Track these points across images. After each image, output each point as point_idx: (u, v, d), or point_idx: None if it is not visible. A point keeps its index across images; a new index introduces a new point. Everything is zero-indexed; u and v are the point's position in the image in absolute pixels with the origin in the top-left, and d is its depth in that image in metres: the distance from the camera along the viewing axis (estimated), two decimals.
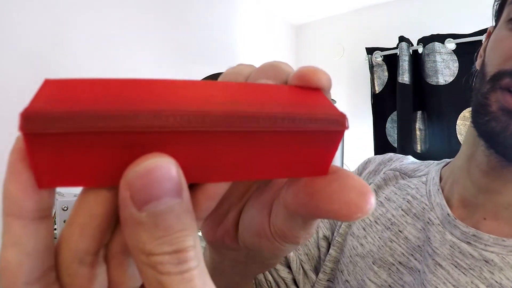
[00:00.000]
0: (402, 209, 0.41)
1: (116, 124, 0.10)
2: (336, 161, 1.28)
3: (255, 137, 0.11)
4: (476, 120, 0.34)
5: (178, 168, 0.10)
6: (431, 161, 0.46)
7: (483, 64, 0.35)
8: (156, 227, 0.10)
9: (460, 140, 1.52)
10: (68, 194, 0.72)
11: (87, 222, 0.11)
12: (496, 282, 0.31)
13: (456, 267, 0.33)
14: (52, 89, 0.11)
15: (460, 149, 0.40)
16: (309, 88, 0.14)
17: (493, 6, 0.38)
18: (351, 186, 0.12)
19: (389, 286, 0.37)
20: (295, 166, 0.12)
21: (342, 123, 0.12)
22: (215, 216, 0.20)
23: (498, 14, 0.37)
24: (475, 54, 0.41)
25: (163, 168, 0.10)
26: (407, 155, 0.51)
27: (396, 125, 1.69)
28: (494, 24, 0.38)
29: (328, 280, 0.43)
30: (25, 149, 0.10)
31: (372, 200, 0.12)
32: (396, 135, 1.69)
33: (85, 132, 0.10)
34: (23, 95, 1.17)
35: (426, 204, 0.39)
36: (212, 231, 0.20)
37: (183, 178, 0.11)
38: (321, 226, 0.47)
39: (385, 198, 0.43)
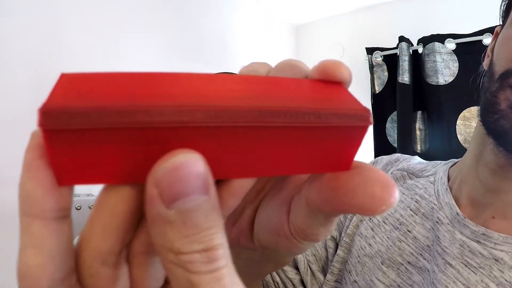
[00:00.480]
0: (410, 209, 0.41)
1: (141, 119, 0.09)
2: None
3: (281, 132, 0.11)
4: (484, 119, 0.34)
5: (205, 164, 0.10)
6: (438, 161, 0.46)
7: (491, 64, 0.36)
8: (185, 225, 0.10)
9: (460, 140, 1.52)
10: None
11: (109, 221, 0.11)
12: (506, 280, 0.31)
13: (466, 266, 0.33)
14: (69, 83, 0.10)
15: (468, 148, 0.40)
16: (330, 82, 0.13)
17: (500, 6, 0.38)
18: (374, 179, 0.12)
19: (398, 286, 0.37)
20: (318, 162, 0.12)
21: (366, 118, 0.12)
22: (229, 215, 0.19)
23: (505, 14, 0.37)
24: (482, 54, 0.41)
25: (192, 165, 0.10)
26: (407, 155, 0.51)
27: (396, 125, 1.70)
28: (501, 24, 0.38)
29: (336, 281, 0.43)
30: (44, 145, 0.10)
31: (396, 193, 0.12)
32: (396, 135, 1.69)
33: (108, 128, 0.09)
34: (24, 94, 1.16)
35: (434, 204, 0.39)
36: (227, 230, 0.20)
37: (210, 174, 0.10)
38: None
39: None
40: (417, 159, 0.49)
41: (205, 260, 0.10)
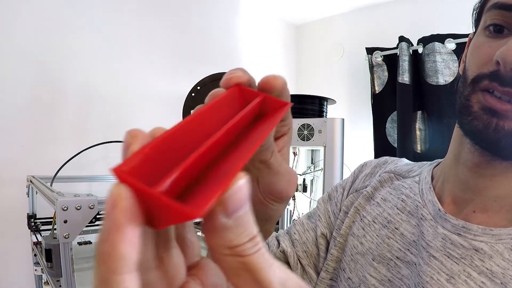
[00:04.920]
0: (397, 208, 0.43)
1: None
2: (336, 162, 1.28)
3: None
4: (460, 121, 0.37)
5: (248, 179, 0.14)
6: (424, 162, 0.48)
7: (464, 69, 0.38)
8: (238, 227, 0.13)
9: None
10: (68, 194, 0.72)
11: None
12: (487, 269, 0.32)
13: (448, 257, 0.35)
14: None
15: (449, 149, 0.42)
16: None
17: (472, 15, 0.40)
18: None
19: (389, 280, 0.39)
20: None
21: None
22: None
23: (476, 23, 0.39)
24: (458, 60, 0.43)
25: (247, 184, 0.14)
26: (407, 155, 0.53)
27: (396, 125, 1.70)
28: (473, 31, 0.40)
29: (330, 279, 0.46)
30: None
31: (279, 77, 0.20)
32: (396, 135, 1.69)
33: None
34: (23, 95, 1.16)
35: (419, 202, 0.41)
36: None
37: None
38: (319, 225, 0.49)
39: (382, 198, 0.45)
40: (404, 161, 0.51)
41: (252, 245, 0.14)
